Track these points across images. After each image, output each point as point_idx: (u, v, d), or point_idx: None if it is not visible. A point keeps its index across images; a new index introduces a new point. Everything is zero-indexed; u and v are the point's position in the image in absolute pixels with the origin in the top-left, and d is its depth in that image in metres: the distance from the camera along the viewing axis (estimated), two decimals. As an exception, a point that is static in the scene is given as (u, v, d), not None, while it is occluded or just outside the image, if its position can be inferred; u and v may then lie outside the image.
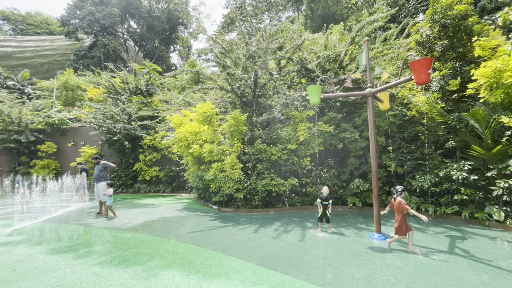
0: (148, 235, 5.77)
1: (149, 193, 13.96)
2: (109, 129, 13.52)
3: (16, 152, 15.02)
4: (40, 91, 21.04)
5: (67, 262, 4.15)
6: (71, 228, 6.41)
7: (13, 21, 45.45)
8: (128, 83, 16.65)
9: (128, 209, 9.01)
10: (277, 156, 8.56)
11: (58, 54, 32.26)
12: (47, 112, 15.80)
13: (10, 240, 5.40)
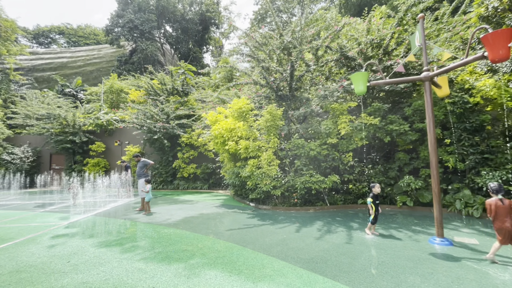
0: (188, 231, 5.79)
1: (187, 190, 14.39)
2: (149, 128, 14.19)
3: (72, 151, 16.58)
4: (90, 96, 23.03)
5: (114, 256, 4.27)
6: (118, 223, 6.73)
7: (67, 35, 50.68)
8: (166, 84, 17.34)
9: (168, 205, 9.29)
10: (316, 152, 8.08)
11: (104, 62, 35.10)
12: (96, 115, 17.17)
13: (66, 232, 5.80)
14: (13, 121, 18.27)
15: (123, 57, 32.30)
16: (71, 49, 39.64)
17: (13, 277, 3.50)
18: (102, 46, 39.00)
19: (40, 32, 49.41)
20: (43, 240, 5.17)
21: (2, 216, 7.72)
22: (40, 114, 16.98)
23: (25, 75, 29.40)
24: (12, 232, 5.85)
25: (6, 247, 4.77)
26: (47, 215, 7.80)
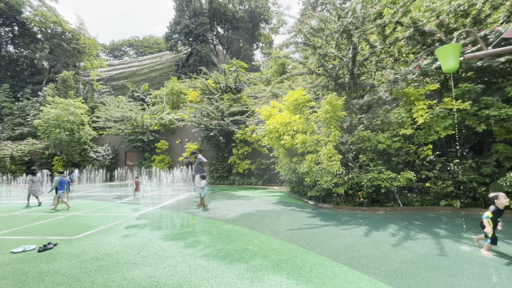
0: (247, 228, 5.61)
1: (242, 185, 14.55)
2: (206, 126, 14.77)
3: (142, 149, 18.48)
4: (155, 98, 25.37)
5: (178, 250, 4.31)
6: (181, 216, 7.00)
7: (135, 46, 57.20)
8: (219, 83, 17.85)
9: (226, 200, 9.41)
10: (386, 145, 7.06)
11: (165, 67, 38.41)
12: (160, 115, 18.74)
13: (138, 223, 6.25)
14: (96, 124, 21.32)
15: (180, 61, 34.77)
16: (138, 58, 44.56)
17: (93, 264, 3.78)
18: (163, 53, 42.74)
19: (114, 47, 56.95)
20: (118, 230, 5.63)
21: (89, 205, 8.88)
22: (116, 117, 19.36)
23: (104, 84, 34.18)
24: (95, 220, 6.58)
25: (90, 234, 5.32)
26: (123, 206, 8.67)
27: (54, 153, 20.05)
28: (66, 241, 4.91)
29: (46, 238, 5.13)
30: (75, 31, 30.35)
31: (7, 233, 5.55)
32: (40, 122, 18.88)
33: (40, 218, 6.98)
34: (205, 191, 8.20)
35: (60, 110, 18.74)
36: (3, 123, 24.14)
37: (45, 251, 4.36)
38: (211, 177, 15.51)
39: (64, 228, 5.89)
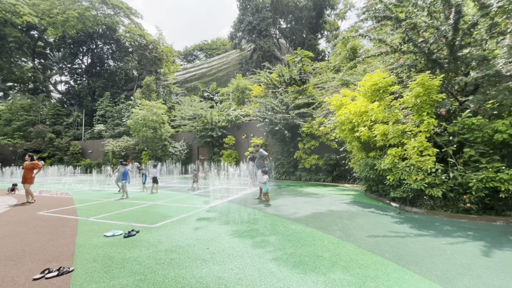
0: (320, 231, 4.98)
1: (309, 181, 13.79)
2: (270, 120, 14.51)
3: (211, 144, 19.64)
4: (222, 96, 26.66)
5: (246, 250, 4.04)
6: (248, 211, 6.84)
7: (205, 50, 61.73)
8: (283, 75, 17.33)
9: (293, 197, 8.91)
10: (508, 135, 5.30)
11: (231, 66, 40.10)
12: (227, 112, 19.48)
13: (208, 216, 6.36)
14: (174, 122, 23.73)
15: (244, 58, 35.65)
16: (207, 60, 47.90)
17: (167, 256, 3.83)
18: (229, 52, 44.72)
19: (187, 52, 62.74)
20: (190, 222, 5.79)
21: (168, 196, 9.70)
22: (189, 115, 21.07)
23: (179, 86, 37.93)
24: (172, 210, 7.01)
25: (166, 224, 5.61)
26: (195, 198, 9.15)
27: (142, 148, 23.24)
28: (146, 229, 5.27)
29: (131, 224, 5.64)
30: (155, 41, 34.49)
31: (104, 217, 6.37)
32: (131, 122, 22.09)
33: (129, 205, 7.89)
34: (267, 186, 7.90)
35: (146, 111, 21.51)
36: (107, 124, 29.37)
37: (129, 237, 4.72)
38: (276, 172, 15.25)
39: (146, 216, 6.43)
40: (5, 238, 4.78)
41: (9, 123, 30.83)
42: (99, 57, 39.47)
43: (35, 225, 5.72)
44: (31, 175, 8.47)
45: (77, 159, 26.82)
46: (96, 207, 7.69)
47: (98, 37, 38.38)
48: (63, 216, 6.59)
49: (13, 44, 36.12)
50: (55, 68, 41.25)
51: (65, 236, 4.88)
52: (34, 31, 37.31)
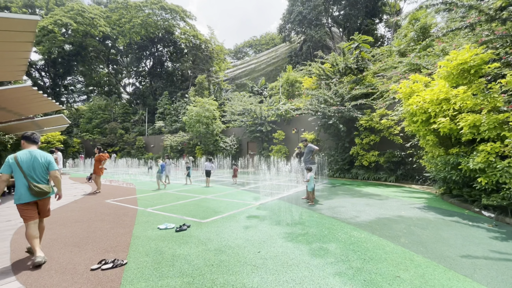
0: (391, 242, 4.14)
1: (367, 180, 12.43)
2: (323, 113, 13.50)
3: (261, 139, 19.46)
4: (271, 90, 26.26)
5: (303, 258, 3.52)
6: (301, 211, 6.27)
7: (254, 46, 62.16)
8: (337, 64, 15.98)
9: (351, 198, 7.98)
10: None
11: (280, 60, 39.37)
12: (277, 106, 18.99)
13: (258, 214, 6.02)
14: (224, 118, 24.32)
15: (294, 51, 34.50)
16: (256, 55, 48.03)
17: (216, 257, 3.57)
18: (278, 46, 44.01)
19: (237, 49, 64.12)
20: (240, 219, 5.52)
21: (219, 190, 9.76)
22: (239, 111, 21.25)
23: (229, 83, 38.88)
24: (222, 206, 6.89)
25: (216, 220, 5.45)
26: (245, 193, 8.96)
27: (196, 143, 24.47)
28: (197, 223, 5.17)
29: (183, 218, 5.64)
30: (207, 40, 35.90)
31: (160, 209, 6.58)
32: (186, 118, 23.39)
33: (183, 198, 8.10)
34: (312, 184, 7.21)
35: (199, 108, 22.49)
36: (165, 120, 31.87)
37: (180, 232, 4.66)
38: (329, 169, 14.21)
39: (197, 210, 6.42)
40: (76, 224, 5.21)
41: (90, 121, 35.98)
42: (159, 60, 43.04)
43: (101, 212, 6.19)
44: (98, 166, 9.36)
45: (141, 152, 29.80)
46: (154, 198, 8.09)
47: (158, 41, 41.80)
48: (125, 205, 7.05)
49: (93, 53, 41.94)
50: (124, 72, 46.66)
51: (124, 225, 5.08)
52: (108, 41, 42.64)
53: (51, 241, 4.22)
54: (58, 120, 12.46)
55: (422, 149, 8.89)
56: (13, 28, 4.08)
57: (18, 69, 5.77)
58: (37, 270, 3.19)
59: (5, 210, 6.67)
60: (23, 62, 5.60)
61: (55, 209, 6.64)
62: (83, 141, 32.10)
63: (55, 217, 5.81)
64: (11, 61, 5.51)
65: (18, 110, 9.18)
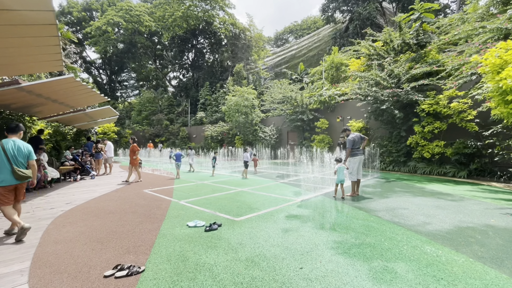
0: (490, 267, 2.96)
1: (429, 175, 10.56)
2: (375, 98, 11.80)
3: (302, 129, 18.29)
4: (313, 76, 24.57)
5: (361, 283, 2.62)
6: (352, 212, 5.25)
7: (295, 31, 59.49)
8: (391, 41, 13.82)
9: (413, 196, 6.61)
10: None
11: (322, 43, 36.76)
12: (319, 92, 17.52)
13: (299, 213, 5.19)
14: (263, 107, 23.59)
15: (338, 32, 31.70)
16: (297, 41, 45.79)
17: (247, 271, 2.88)
18: (320, 29, 41.17)
19: (277, 36, 62.18)
20: (278, 219, 4.77)
21: (256, 182, 9.14)
22: (279, 99, 20.26)
23: (269, 71, 37.80)
24: (258, 201, 6.22)
25: (251, 218, 4.79)
26: (284, 187, 8.17)
27: (235, 133, 24.31)
28: (229, 222, 4.58)
29: (215, 214, 5.12)
30: (246, 28, 35.13)
31: (193, 202, 6.20)
32: (226, 108, 23.27)
33: (218, 190, 7.66)
34: (341, 177, 6.41)
35: (238, 97, 22.11)
36: (206, 111, 32.46)
37: (210, 231, 4.11)
38: (380, 161, 12.54)
39: (231, 205, 5.85)
40: (109, 216, 5.05)
41: (139, 113, 38.65)
42: (200, 51, 43.87)
43: (135, 203, 6.03)
44: (132, 157, 9.43)
45: (185, 142, 30.96)
46: (189, 189, 7.82)
47: (199, 33, 42.51)
48: (160, 196, 6.86)
49: (142, 50, 44.66)
50: (169, 66, 48.87)
51: (154, 220, 4.74)
52: (155, 37, 44.84)
53: (79, 234, 4.03)
54: (107, 111, 13.12)
55: (509, 138, 6.94)
56: (36, 22, 4.05)
57: (54, 59, 5.81)
58: (51, 273, 2.89)
59: (54, 197, 7.01)
60: (57, 57, 5.67)
61: (96, 198, 6.75)
62: (134, 131, 34.62)
63: (93, 206, 5.81)
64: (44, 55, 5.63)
65: (69, 102, 9.69)
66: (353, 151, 6.84)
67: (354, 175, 6.85)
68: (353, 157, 6.84)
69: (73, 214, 5.21)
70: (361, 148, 7.10)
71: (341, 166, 6.58)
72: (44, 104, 9.03)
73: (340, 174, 6.52)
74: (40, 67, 6.99)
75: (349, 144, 6.80)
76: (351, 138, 6.85)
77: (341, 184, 6.55)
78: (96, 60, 49.19)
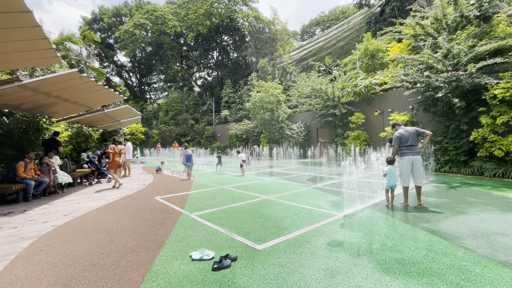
0: None
1: (503, 178, 8.37)
2: (428, 84, 9.76)
3: (333, 124, 16.48)
4: (345, 67, 22.43)
5: None
6: (421, 238, 3.68)
7: (322, 23, 56.61)
8: (445, 16, 11.52)
9: (500, 212, 4.77)
10: None
11: (354, 32, 33.99)
12: (354, 82, 15.58)
13: (344, 237, 3.75)
14: (290, 102, 22.03)
15: (373, 16, 28.87)
16: (324, 32, 43.21)
17: None
18: (351, 17, 38.28)
19: (304, 29, 59.72)
20: (317, 249, 3.38)
21: (283, 187, 7.77)
22: (307, 92, 18.59)
23: (295, 65, 35.95)
24: (287, 216, 4.87)
25: (277, 246, 3.46)
26: (319, 194, 6.70)
27: (261, 131, 23.07)
28: (248, 253, 3.30)
29: (231, 236, 3.88)
30: (270, 22, 33.64)
31: (207, 215, 5.04)
32: (250, 105, 22.11)
33: (239, 199, 6.44)
34: (392, 182, 5.21)
35: (262, 93, 20.81)
36: (230, 109, 31.65)
37: (219, 270, 2.87)
38: (435, 161, 10.44)
39: (253, 222, 4.57)
40: (101, 236, 4.05)
41: (166, 114, 39.11)
42: (224, 49, 43.28)
43: (138, 217, 5.02)
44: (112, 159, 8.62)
45: (210, 141, 30.46)
46: (206, 197, 6.71)
47: (222, 31, 41.93)
48: (171, 206, 5.82)
49: (168, 52, 45.30)
50: (195, 66, 49.08)
51: (150, 245, 3.63)
52: (180, 38, 45.21)
53: (48, 269, 3.01)
54: (127, 111, 12.60)
55: None
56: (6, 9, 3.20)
57: (47, 55, 5.07)
58: None
59: (58, 205, 6.30)
60: (49, 53, 4.91)
61: (99, 207, 5.90)
62: (161, 132, 35.00)
63: (89, 220, 4.90)
64: (36, 50, 4.89)
65: (83, 101, 9.13)
66: (402, 150, 5.39)
67: (405, 179, 5.42)
68: (401, 157, 5.40)
69: (61, 232, 4.31)
70: (420, 147, 5.52)
71: (392, 169, 5.21)
72: (57, 104, 8.51)
73: (392, 178, 5.29)
74: (33, 62, 6.35)
75: (394, 141, 5.48)
76: (397, 134, 5.50)
77: (391, 189, 5.35)
78: (126, 63, 51.05)
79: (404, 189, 5.49)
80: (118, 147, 8.82)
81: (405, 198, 5.48)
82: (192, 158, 10.28)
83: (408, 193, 5.51)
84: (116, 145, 8.88)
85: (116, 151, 8.71)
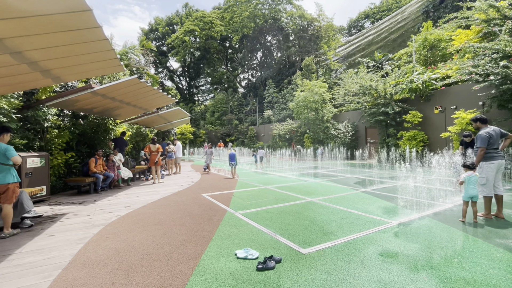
0: None
1: None
2: (505, 76, 8.34)
3: (385, 124, 15.24)
4: (399, 61, 20.57)
5: None
6: (496, 254, 3.14)
7: (371, 15, 52.90)
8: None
9: None
10: None
11: (409, 22, 30.95)
12: (409, 77, 14.18)
13: (400, 248, 3.42)
14: (335, 101, 21.09)
15: (431, 4, 25.86)
16: (374, 25, 40.29)
17: None
18: (405, 7, 34.94)
19: (351, 24, 56.65)
20: (368, 258, 3.14)
21: (329, 190, 7.46)
22: (355, 89, 17.57)
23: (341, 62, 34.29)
24: (334, 220, 4.64)
25: (323, 251, 3.31)
26: (367, 198, 6.25)
27: (304, 131, 22.59)
28: (293, 256, 3.23)
29: (275, 237, 3.86)
30: (314, 18, 32.68)
31: (251, 214, 5.11)
32: (293, 105, 21.82)
33: (282, 199, 6.38)
34: (472, 191, 4.34)
35: (306, 92, 20.35)
36: (274, 109, 31.69)
37: (264, 271, 2.87)
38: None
39: (297, 224, 4.47)
40: (155, 228, 4.42)
41: (213, 115, 41.05)
42: (268, 49, 43.57)
43: (188, 212, 5.34)
44: None
45: (253, 141, 30.99)
46: (250, 196, 6.82)
47: (266, 32, 42.26)
48: (217, 203, 6.06)
49: (215, 55, 47.52)
50: (239, 68, 50.50)
51: (198, 241, 3.81)
52: (226, 42, 47.03)
53: (112, 254, 3.39)
54: (178, 112, 13.58)
55: None
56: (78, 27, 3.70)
57: (113, 64, 5.71)
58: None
59: (120, 197, 7.08)
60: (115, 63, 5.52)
61: (154, 201, 6.45)
62: (207, 132, 36.85)
63: (146, 213, 5.39)
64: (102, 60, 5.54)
65: (141, 104, 10.12)
66: (490, 153, 4.53)
67: (489, 188, 4.57)
68: (488, 162, 4.56)
69: (124, 221, 4.82)
70: (500, 149, 4.69)
71: (473, 176, 4.40)
72: (120, 107, 9.58)
73: (471, 188, 4.42)
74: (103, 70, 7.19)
75: (482, 142, 4.54)
76: (484, 133, 4.57)
77: (472, 202, 4.46)
78: (177, 69, 55.06)
79: (489, 199, 4.65)
80: (155, 146, 9.57)
81: (488, 210, 4.65)
82: (236, 157, 10.56)
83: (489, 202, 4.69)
84: (155, 144, 9.64)
85: (152, 150, 9.43)
